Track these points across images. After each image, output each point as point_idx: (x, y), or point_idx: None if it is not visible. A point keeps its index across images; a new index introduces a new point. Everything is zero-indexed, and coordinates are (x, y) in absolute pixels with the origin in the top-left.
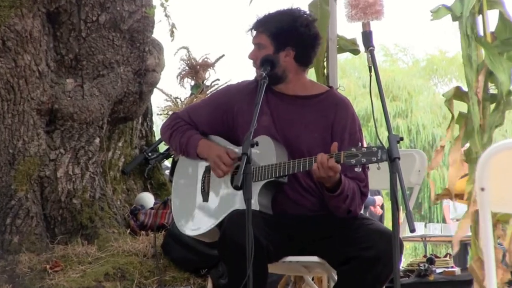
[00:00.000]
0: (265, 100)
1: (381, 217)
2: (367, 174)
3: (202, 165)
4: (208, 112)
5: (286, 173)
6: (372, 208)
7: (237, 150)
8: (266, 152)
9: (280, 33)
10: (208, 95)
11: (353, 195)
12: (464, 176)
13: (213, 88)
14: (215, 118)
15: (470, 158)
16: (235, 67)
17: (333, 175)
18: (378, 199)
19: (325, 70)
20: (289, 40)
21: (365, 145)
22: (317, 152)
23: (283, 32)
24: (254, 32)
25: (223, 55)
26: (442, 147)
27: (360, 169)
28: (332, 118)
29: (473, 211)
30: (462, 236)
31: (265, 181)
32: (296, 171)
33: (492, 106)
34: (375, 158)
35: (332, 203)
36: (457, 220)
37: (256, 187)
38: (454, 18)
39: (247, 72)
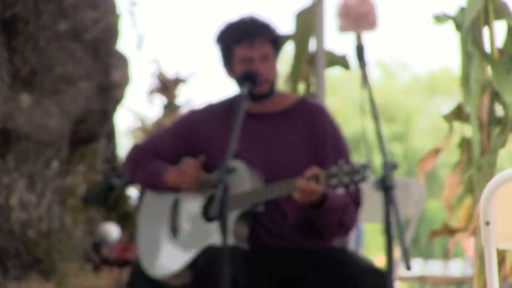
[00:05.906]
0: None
1: None
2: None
3: (171, 197)
4: (172, 142)
5: (263, 200)
6: None
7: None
8: (238, 179)
9: (278, 40)
10: (172, 122)
11: (344, 205)
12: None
13: (185, 109)
14: (180, 148)
15: (472, 188)
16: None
17: (316, 197)
18: None
19: (310, 88)
20: (279, 48)
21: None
22: (303, 171)
23: (279, 38)
24: (255, 40)
25: (196, 71)
26: (438, 150)
27: (343, 190)
28: (311, 128)
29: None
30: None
31: (240, 211)
32: (275, 196)
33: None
34: (359, 178)
35: (321, 221)
36: None
37: (231, 219)
38: (458, 27)
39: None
